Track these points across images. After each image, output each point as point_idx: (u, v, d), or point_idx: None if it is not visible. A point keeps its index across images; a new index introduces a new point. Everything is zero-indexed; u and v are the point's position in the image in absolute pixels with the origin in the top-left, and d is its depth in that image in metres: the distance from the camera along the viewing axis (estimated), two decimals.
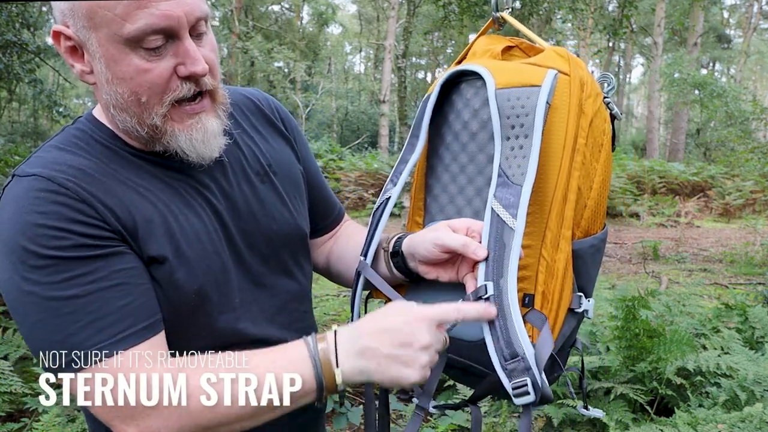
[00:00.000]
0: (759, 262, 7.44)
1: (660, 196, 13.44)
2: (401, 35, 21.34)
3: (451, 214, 0.98)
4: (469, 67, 0.94)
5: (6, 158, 8.22)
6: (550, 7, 9.97)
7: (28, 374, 2.88)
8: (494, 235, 0.83)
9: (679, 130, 21.65)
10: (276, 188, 1.00)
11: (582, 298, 0.89)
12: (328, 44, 34.63)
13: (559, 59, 0.91)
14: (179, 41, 0.81)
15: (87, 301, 0.76)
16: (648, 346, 2.79)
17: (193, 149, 0.86)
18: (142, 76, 0.80)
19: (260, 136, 1.03)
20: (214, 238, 0.90)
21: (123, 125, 0.86)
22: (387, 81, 20.91)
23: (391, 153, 20.58)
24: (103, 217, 0.80)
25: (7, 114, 19.13)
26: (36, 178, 0.79)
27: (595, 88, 0.91)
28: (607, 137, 0.93)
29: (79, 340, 0.76)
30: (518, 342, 0.79)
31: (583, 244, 0.90)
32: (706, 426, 2.23)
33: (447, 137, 0.99)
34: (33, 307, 0.77)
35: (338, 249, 1.17)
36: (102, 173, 0.83)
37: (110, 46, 0.79)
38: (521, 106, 0.86)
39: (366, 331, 0.80)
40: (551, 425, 2.56)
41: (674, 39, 26.81)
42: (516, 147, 0.86)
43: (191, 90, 0.84)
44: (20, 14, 8.43)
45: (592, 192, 0.91)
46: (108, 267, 0.79)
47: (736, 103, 13.96)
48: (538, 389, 0.79)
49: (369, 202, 12.98)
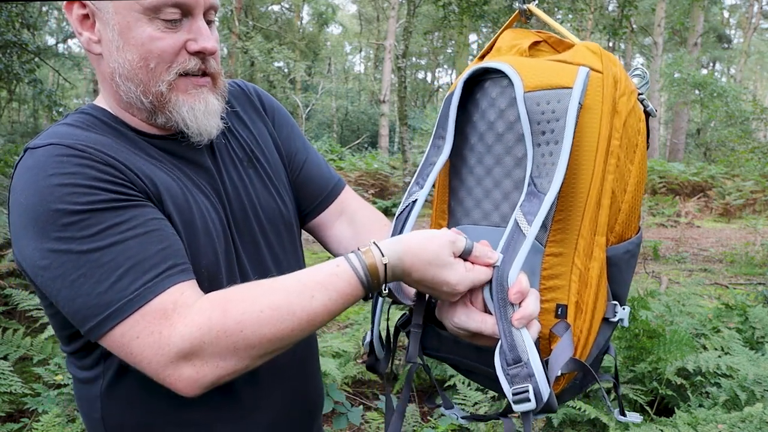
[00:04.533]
0: (759, 262, 7.44)
1: (660, 196, 13.44)
2: (401, 35, 21.31)
3: (477, 218, 0.94)
4: (494, 65, 0.88)
5: (6, 158, 8.21)
6: (550, 7, 9.95)
7: (28, 374, 2.88)
8: (508, 241, 0.81)
9: (679, 130, 21.63)
10: (259, 174, 1.02)
11: (617, 307, 0.85)
12: (328, 44, 34.62)
13: (591, 55, 0.86)
14: (193, 19, 0.86)
15: (126, 246, 0.76)
16: (648, 347, 2.79)
17: (194, 119, 0.89)
18: (154, 43, 0.84)
19: (243, 123, 1.05)
20: (221, 218, 0.93)
21: (127, 96, 0.88)
22: (387, 81, 20.90)
23: (391, 153, 20.59)
24: (129, 178, 0.82)
25: (7, 114, 19.13)
26: (54, 146, 0.80)
27: (629, 86, 0.86)
28: (641, 136, 0.88)
29: (124, 285, 0.75)
30: (522, 347, 0.76)
31: (618, 250, 0.86)
32: (707, 426, 2.22)
33: (471, 138, 0.94)
34: (71, 265, 0.76)
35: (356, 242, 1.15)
36: (118, 145, 0.86)
37: (127, 14, 0.83)
38: (552, 110, 0.81)
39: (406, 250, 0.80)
40: (551, 425, 2.56)
41: (674, 39, 26.79)
42: (546, 154, 0.81)
43: (197, 65, 0.88)
44: (20, 14, 8.43)
45: (627, 195, 0.86)
46: (142, 216, 0.80)
47: (737, 103, 13.95)
48: (539, 397, 0.75)
49: (369, 202, 12.96)
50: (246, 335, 0.75)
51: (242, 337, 0.75)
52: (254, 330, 0.75)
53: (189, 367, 0.74)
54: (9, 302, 3.43)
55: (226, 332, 0.74)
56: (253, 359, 0.77)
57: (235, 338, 0.74)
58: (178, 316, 0.75)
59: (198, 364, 0.75)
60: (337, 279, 0.78)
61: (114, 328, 0.75)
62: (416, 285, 0.84)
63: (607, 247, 0.84)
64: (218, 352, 0.74)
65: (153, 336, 0.74)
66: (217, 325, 0.74)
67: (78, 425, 2.35)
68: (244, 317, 0.75)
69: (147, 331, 0.74)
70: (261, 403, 0.97)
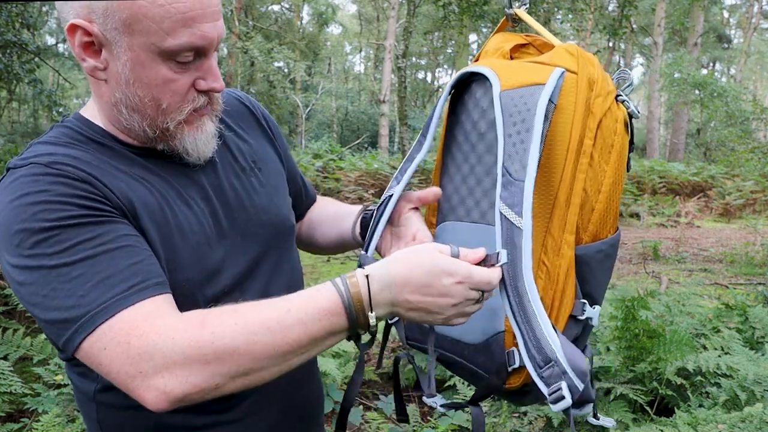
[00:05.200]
0: (759, 262, 7.44)
1: (660, 196, 13.44)
2: (401, 35, 21.31)
3: (461, 215, 0.97)
4: (475, 69, 0.93)
5: (6, 158, 8.21)
6: (550, 8, 9.96)
7: (28, 374, 2.88)
8: (505, 238, 0.81)
9: (679, 130, 21.64)
10: (262, 182, 1.04)
11: (585, 305, 0.87)
12: (328, 44, 34.61)
13: (568, 57, 0.88)
14: (205, 58, 0.87)
15: (95, 261, 0.77)
16: (648, 347, 2.79)
17: (195, 149, 0.92)
18: (168, 85, 0.85)
19: (246, 136, 1.07)
20: (206, 230, 0.92)
21: (128, 123, 0.88)
22: (387, 81, 20.91)
23: (391, 153, 20.58)
24: (103, 194, 0.82)
25: (7, 114, 19.13)
26: (33, 165, 0.81)
27: (606, 87, 0.88)
28: (619, 137, 0.89)
29: (92, 299, 0.75)
30: (549, 346, 0.77)
31: (589, 250, 0.87)
32: (707, 426, 2.22)
33: (459, 137, 0.99)
34: (42, 280, 0.76)
35: (310, 218, 1.25)
36: (98, 161, 0.86)
37: (142, 53, 0.82)
38: (524, 103, 0.84)
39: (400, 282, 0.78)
40: (551, 425, 2.56)
41: (674, 39, 26.79)
42: (518, 142, 0.83)
43: (205, 102, 0.91)
44: (20, 14, 8.43)
45: (601, 195, 0.88)
46: (113, 231, 0.80)
47: (737, 103, 13.94)
48: (575, 392, 0.76)
49: (369, 202, 12.96)
50: (217, 347, 0.73)
51: (213, 350, 0.73)
52: (226, 343, 0.74)
53: (157, 379, 0.73)
54: (9, 302, 3.43)
55: (198, 344, 0.73)
56: (224, 377, 0.74)
57: (206, 351, 0.73)
58: (150, 327, 0.74)
59: (167, 377, 0.73)
60: (316, 293, 0.78)
61: (83, 341, 0.75)
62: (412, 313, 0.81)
63: (578, 245, 0.86)
64: (187, 365, 0.73)
65: (121, 347, 0.74)
66: (190, 337, 0.74)
67: (78, 425, 2.35)
68: (217, 329, 0.74)
69: (114, 342, 0.74)
70: (260, 405, 0.97)
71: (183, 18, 0.80)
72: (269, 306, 0.77)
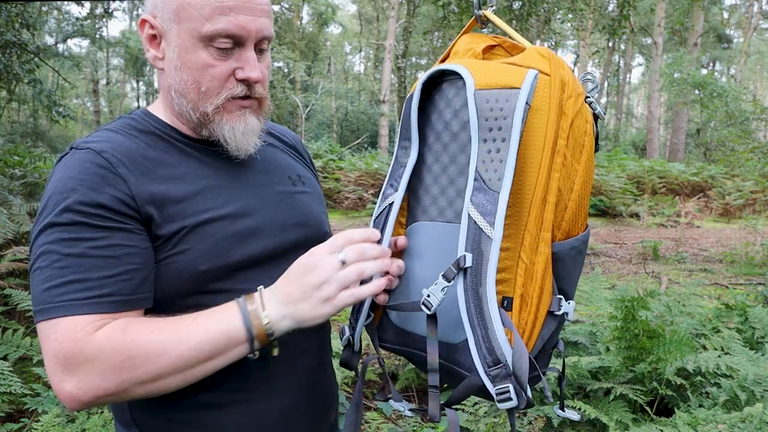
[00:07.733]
0: (759, 262, 7.45)
1: (660, 196, 13.45)
2: (401, 35, 21.33)
3: (433, 215, 0.98)
4: (449, 67, 0.93)
5: (6, 158, 8.21)
6: (550, 8, 9.97)
7: (28, 374, 2.88)
8: (471, 241, 0.84)
9: (679, 130, 21.65)
10: (306, 191, 1.12)
11: (562, 301, 0.89)
12: (327, 44, 34.64)
13: (540, 59, 0.90)
14: (243, 49, 0.95)
15: (79, 262, 0.85)
16: (648, 347, 2.79)
17: (233, 138, 0.98)
18: (207, 70, 0.94)
19: (297, 159, 1.19)
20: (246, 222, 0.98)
21: (179, 108, 0.99)
22: (387, 81, 20.91)
23: (391, 153, 20.58)
24: (132, 193, 0.90)
25: (7, 114, 19.14)
26: (88, 151, 0.92)
27: (576, 89, 0.90)
28: (588, 137, 0.92)
29: (58, 293, 0.84)
30: (500, 350, 0.81)
31: (563, 246, 0.90)
32: (706, 426, 2.22)
33: (429, 137, 0.99)
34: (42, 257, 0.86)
35: None
36: (145, 157, 0.94)
37: (187, 38, 0.93)
38: (500, 108, 0.85)
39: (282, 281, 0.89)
40: (551, 425, 2.57)
41: (674, 39, 26.82)
42: (493, 150, 0.85)
43: (243, 91, 0.97)
44: (20, 14, 8.43)
45: (573, 193, 0.90)
46: (110, 239, 0.87)
47: (736, 103, 13.97)
48: (521, 395, 0.80)
49: (369, 202, 12.98)
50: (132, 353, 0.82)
51: (129, 356, 0.82)
52: (140, 345, 0.82)
53: (73, 381, 0.82)
54: (9, 302, 3.43)
55: (118, 349, 0.82)
56: (132, 384, 0.83)
57: (122, 357, 0.81)
58: (84, 335, 0.82)
59: (82, 380, 0.81)
60: (220, 308, 0.87)
61: (39, 322, 0.85)
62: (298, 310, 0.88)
63: (553, 242, 0.89)
64: (102, 370, 0.81)
65: (56, 343, 0.82)
66: (114, 343, 0.82)
67: (78, 425, 2.35)
68: (137, 336, 0.83)
69: (53, 338, 0.83)
70: (273, 390, 1.00)
71: (221, 6, 0.91)
72: (183, 318, 0.86)
